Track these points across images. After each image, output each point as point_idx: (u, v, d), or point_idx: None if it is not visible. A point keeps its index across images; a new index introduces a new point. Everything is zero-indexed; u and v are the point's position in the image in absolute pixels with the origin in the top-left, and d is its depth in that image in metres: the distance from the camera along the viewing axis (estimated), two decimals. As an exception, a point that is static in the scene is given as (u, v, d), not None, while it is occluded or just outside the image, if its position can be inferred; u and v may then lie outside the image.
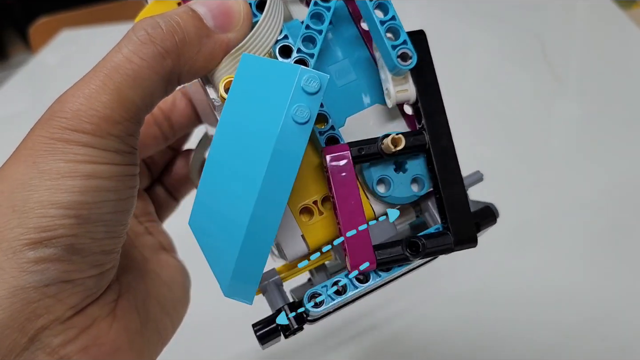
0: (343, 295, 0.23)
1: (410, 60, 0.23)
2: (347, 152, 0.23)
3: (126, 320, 0.23)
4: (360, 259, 0.23)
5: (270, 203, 0.20)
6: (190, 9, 0.22)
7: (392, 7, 0.23)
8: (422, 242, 0.24)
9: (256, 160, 0.20)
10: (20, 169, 0.20)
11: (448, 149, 0.24)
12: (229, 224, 0.21)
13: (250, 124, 0.20)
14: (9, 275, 0.20)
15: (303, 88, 0.20)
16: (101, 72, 0.21)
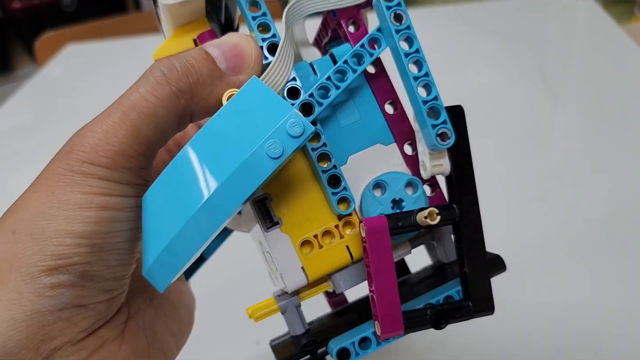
0: (367, 350, 0.25)
1: (449, 140, 0.25)
2: (385, 225, 0.24)
3: (134, 342, 0.25)
4: (391, 329, 0.25)
5: (215, 210, 0.21)
6: (205, 51, 0.23)
7: (434, 87, 0.24)
8: (446, 316, 0.25)
9: (220, 169, 0.21)
10: (40, 198, 0.22)
11: (475, 225, 0.26)
12: (173, 213, 0.22)
13: (229, 136, 0.21)
14: (27, 299, 0.21)
15: (286, 129, 0.21)
16: (118, 109, 0.22)
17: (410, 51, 0.24)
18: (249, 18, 0.24)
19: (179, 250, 0.22)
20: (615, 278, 0.49)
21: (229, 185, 0.21)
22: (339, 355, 0.25)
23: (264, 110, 0.22)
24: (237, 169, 0.21)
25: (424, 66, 0.25)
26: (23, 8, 1.93)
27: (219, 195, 0.21)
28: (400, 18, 0.24)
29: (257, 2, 0.24)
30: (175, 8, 0.25)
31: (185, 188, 0.21)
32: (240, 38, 0.24)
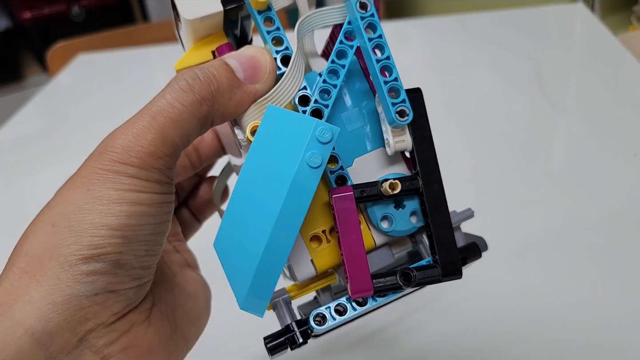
0: (343, 315, 0.27)
1: (407, 116, 0.27)
2: (350, 193, 0.27)
3: (159, 326, 0.27)
4: (360, 287, 0.27)
5: (284, 232, 0.24)
6: (224, 62, 0.26)
7: (395, 69, 0.27)
8: (413, 273, 0.27)
9: (274, 195, 0.23)
10: (76, 194, 0.24)
11: (438, 194, 0.28)
12: (248, 248, 0.24)
13: (271, 165, 0.24)
14: (65, 284, 0.23)
15: (317, 138, 0.23)
16: (147, 114, 0.24)
17: (373, 37, 0.27)
18: (264, 32, 0.27)
19: (265, 277, 0.24)
20: (614, 280, 0.50)
21: (288, 204, 0.23)
22: (315, 319, 0.27)
23: (290, 129, 0.24)
24: (290, 188, 0.23)
25: (385, 50, 0.27)
26: (33, 18, 1.96)
27: (283, 216, 0.23)
28: (365, 6, 0.27)
29: (271, 18, 0.27)
30: (196, 23, 0.27)
31: (250, 221, 0.24)
32: (256, 50, 0.26)
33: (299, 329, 0.27)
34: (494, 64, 0.93)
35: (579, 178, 0.64)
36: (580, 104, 0.80)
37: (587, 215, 0.58)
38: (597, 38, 0.95)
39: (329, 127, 0.24)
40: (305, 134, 0.24)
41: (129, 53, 1.17)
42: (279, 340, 0.28)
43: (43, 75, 2.05)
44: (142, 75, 1.07)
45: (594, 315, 0.47)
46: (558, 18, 1.08)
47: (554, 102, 0.79)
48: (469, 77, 0.90)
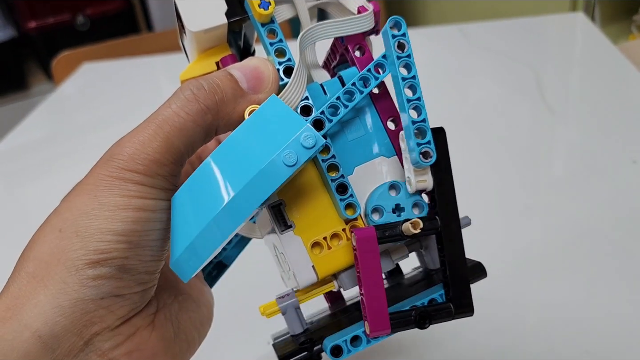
0: (358, 347, 0.28)
1: (431, 158, 0.27)
2: (373, 235, 0.27)
3: (163, 330, 0.27)
4: (379, 327, 0.28)
5: (235, 211, 0.24)
6: (228, 73, 0.27)
7: (424, 110, 0.27)
8: (429, 316, 0.28)
9: (241, 175, 0.24)
10: (83, 200, 0.24)
11: (456, 234, 0.29)
12: (199, 211, 0.24)
13: (251, 146, 0.24)
14: (72, 288, 0.24)
15: (300, 141, 0.24)
16: (153, 122, 0.25)
17: (408, 76, 0.27)
18: (267, 44, 0.27)
19: (203, 245, 0.24)
20: (615, 287, 0.50)
21: (249, 188, 0.24)
22: (332, 351, 0.28)
23: (281, 124, 0.25)
24: (257, 174, 0.24)
25: (417, 91, 0.27)
26: (38, 27, 1.97)
27: (240, 197, 0.24)
28: (403, 47, 0.27)
29: (274, 30, 0.28)
30: (200, 35, 0.28)
31: (209, 191, 0.24)
32: (259, 61, 0.27)
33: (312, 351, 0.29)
34: (495, 72, 0.93)
35: (579, 185, 0.64)
36: (580, 112, 0.81)
37: (587, 222, 0.58)
38: (597, 47, 0.96)
39: (315, 135, 0.24)
40: (291, 133, 0.24)
41: (133, 62, 1.18)
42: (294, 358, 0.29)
43: (48, 84, 2.07)
44: (146, 84, 1.08)
45: (595, 322, 0.48)
46: (558, 27, 1.09)
47: (554, 110, 0.80)
48: (470, 85, 0.91)
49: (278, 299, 0.31)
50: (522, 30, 1.08)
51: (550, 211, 0.61)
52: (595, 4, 1.33)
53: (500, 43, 1.03)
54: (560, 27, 1.09)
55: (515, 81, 0.89)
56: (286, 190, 0.28)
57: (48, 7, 1.96)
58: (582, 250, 0.55)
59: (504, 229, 0.59)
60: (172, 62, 1.12)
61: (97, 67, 1.18)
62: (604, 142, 0.72)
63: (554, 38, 1.06)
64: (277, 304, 0.30)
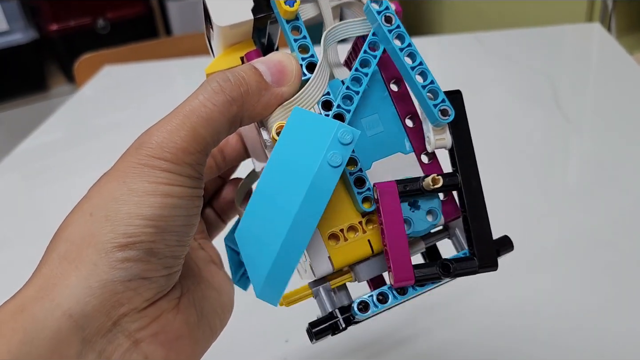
0: (384, 303, 0.29)
1: (449, 115, 0.28)
2: (394, 187, 0.28)
3: (187, 314, 0.28)
4: (403, 276, 0.28)
5: (302, 226, 0.25)
6: (253, 66, 0.27)
7: (430, 73, 0.28)
8: (452, 264, 0.29)
9: (295, 191, 0.25)
10: (113, 186, 0.25)
11: (476, 189, 0.29)
12: (267, 240, 0.25)
13: (293, 162, 0.25)
14: (101, 270, 0.24)
15: (339, 139, 0.25)
16: (181, 113, 0.26)
17: (404, 46, 0.28)
18: (291, 40, 0.28)
19: (282, 268, 0.25)
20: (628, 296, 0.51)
21: (307, 201, 0.25)
22: (359, 307, 0.28)
23: (313, 131, 0.26)
24: (310, 185, 0.25)
25: (417, 57, 0.28)
26: (59, 30, 2.00)
27: (302, 212, 0.25)
28: (390, 19, 0.28)
29: (298, 27, 0.28)
30: (227, 30, 0.29)
31: (270, 215, 0.25)
32: (283, 56, 0.28)
33: (341, 316, 0.29)
34: (511, 81, 0.94)
35: (594, 195, 0.64)
36: (596, 122, 0.81)
37: (601, 231, 0.58)
38: (613, 57, 0.96)
39: (350, 129, 0.25)
40: (328, 135, 0.25)
41: (152, 66, 1.19)
42: (323, 325, 0.29)
43: (67, 86, 2.09)
44: (164, 87, 1.09)
45: (606, 330, 0.48)
46: (575, 37, 1.09)
47: (570, 119, 0.80)
48: (486, 93, 0.91)
49: (310, 283, 0.31)
50: (538, 39, 1.08)
51: (564, 220, 0.61)
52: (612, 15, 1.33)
53: (516, 52, 1.03)
54: (576, 37, 1.09)
55: (531, 90, 0.89)
56: None
57: (69, 11, 1.99)
58: (596, 260, 0.55)
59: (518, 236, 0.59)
60: (190, 66, 1.13)
61: (118, 69, 1.19)
62: (620, 151, 0.72)
63: (570, 48, 1.07)
64: (310, 287, 0.31)
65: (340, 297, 0.32)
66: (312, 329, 0.29)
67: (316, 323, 0.29)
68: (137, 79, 1.15)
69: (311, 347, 0.48)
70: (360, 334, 0.49)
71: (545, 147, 0.76)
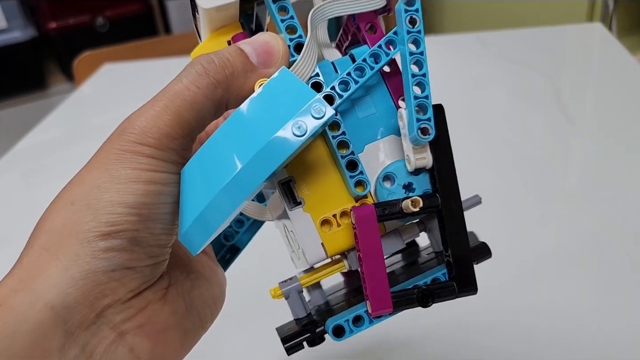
0: (361, 327, 0.28)
1: (429, 135, 0.27)
2: (373, 212, 0.27)
3: (174, 305, 0.27)
4: (380, 306, 0.27)
5: (246, 179, 0.24)
6: (239, 47, 0.27)
7: (428, 87, 0.27)
8: (432, 294, 0.28)
9: (250, 145, 0.24)
10: (95, 174, 0.25)
11: (457, 212, 0.28)
12: (209, 182, 0.24)
13: (260, 117, 0.24)
14: (83, 260, 0.24)
15: (311, 110, 0.24)
16: (164, 97, 0.25)
17: (416, 52, 0.27)
18: (278, 20, 0.27)
19: (212, 217, 0.24)
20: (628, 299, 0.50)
21: (258, 158, 0.24)
22: (335, 331, 0.28)
23: (291, 95, 0.25)
24: (266, 144, 0.24)
25: (424, 67, 0.27)
26: (58, 28, 2.00)
27: (249, 167, 0.24)
28: (415, 22, 0.27)
29: (285, 7, 0.28)
30: (212, 13, 0.28)
31: (218, 162, 0.24)
32: (269, 36, 0.27)
33: (315, 332, 0.29)
34: (512, 81, 0.93)
35: (595, 196, 0.64)
36: (598, 122, 0.81)
37: (602, 232, 0.58)
38: (614, 57, 0.96)
39: (325, 105, 0.24)
40: (301, 103, 0.24)
41: (151, 64, 1.19)
42: (296, 340, 0.29)
43: (66, 84, 2.09)
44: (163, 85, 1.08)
45: (606, 331, 0.47)
46: (576, 37, 1.09)
47: (571, 120, 0.79)
48: (487, 93, 0.91)
49: (281, 283, 0.31)
50: (540, 39, 1.08)
51: (565, 221, 0.61)
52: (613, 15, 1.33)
53: (518, 52, 1.03)
54: (578, 37, 1.09)
55: (532, 90, 0.89)
56: (296, 166, 0.28)
57: (69, 9, 1.99)
58: (598, 261, 0.54)
59: (518, 237, 0.59)
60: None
61: (117, 68, 1.19)
62: (621, 152, 0.71)
63: (571, 48, 1.06)
64: (280, 288, 0.30)
65: (315, 295, 0.31)
66: (285, 344, 0.29)
67: (289, 338, 0.29)
68: (136, 77, 1.15)
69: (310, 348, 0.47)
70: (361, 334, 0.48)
71: (546, 147, 0.75)
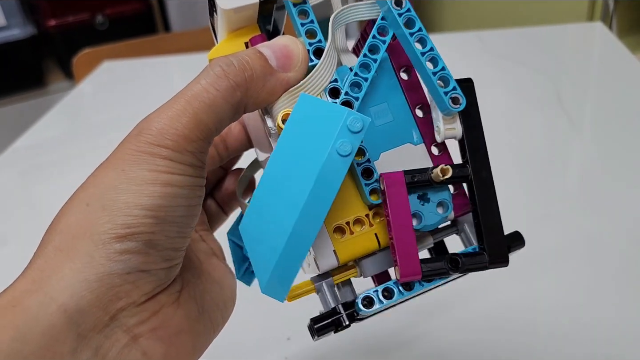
0: (390, 299, 0.27)
1: (460, 104, 0.27)
2: (401, 177, 0.27)
3: (187, 309, 0.27)
4: (409, 270, 0.27)
5: (310, 218, 0.24)
6: (258, 51, 0.26)
7: (441, 60, 0.27)
8: (461, 259, 0.27)
9: (302, 182, 0.24)
10: (111, 174, 0.24)
11: (487, 181, 0.28)
12: (272, 233, 0.24)
13: (300, 151, 0.24)
14: (98, 262, 0.23)
15: (348, 127, 0.24)
16: (182, 98, 0.25)
17: (414, 31, 0.27)
18: (298, 24, 0.27)
19: (289, 261, 0.24)
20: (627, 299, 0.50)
21: (316, 191, 0.24)
22: (363, 302, 0.27)
23: (321, 118, 0.24)
24: (318, 175, 0.23)
25: (428, 42, 0.27)
26: (57, 25, 1.99)
27: (310, 204, 0.24)
28: (400, 3, 0.27)
29: (305, 11, 0.27)
30: (231, 14, 0.28)
31: (277, 207, 0.24)
32: (289, 40, 0.27)
33: (345, 312, 0.28)
34: (512, 80, 0.93)
35: (596, 195, 0.64)
36: (598, 121, 0.81)
37: (603, 232, 0.58)
38: (615, 57, 0.96)
39: (360, 116, 0.24)
40: (337, 123, 0.24)
41: (151, 61, 1.19)
42: (326, 321, 0.28)
43: (66, 82, 2.08)
44: (162, 83, 1.09)
45: (607, 331, 0.47)
46: (577, 37, 1.09)
47: (572, 119, 0.79)
48: (487, 92, 0.89)
49: (312, 277, 0.30)
50: (540, 38, 1.07)
51: (566, 221, 0.61)
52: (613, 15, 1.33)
53: (518, 51, 1.03)
54: (578, 36, 1.09)
55: (532, 89, 0.89)
56: None
57: (68, 6, 1.98)
58: (599, 262, 0.54)
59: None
60: (189, 62, 1.12)
61: (117, 65, 1.19)
62: (623, 151, 0.71)
63: (572, 47, 1.06)
64: (312, 282, 0.30)
65: (345, 292, 0.31)
66: (314, 324, 0.28)
67: (318, 319, 0.28)
68: (136, 75, 1.15)
69: (313, 347, 0.47)
70: (362, 335, 0.48)
71: (546, 146, 0.75)
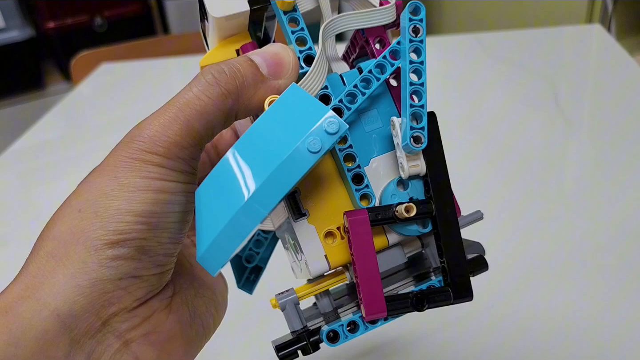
0: (355, 333, 0.28)
1: (421, 144, 0.27)
2: (365, 216, 0.27)
3: (179, 314, 0.28)
4: (374, 310, 0.27)
5: (263, 199, 0.24)
6: (249, 58, 0.27)
7: (425, 97, 0.27)
8: (427, 298, 0.28)
9: (265, 164, 0.24)
10: (103, 181, 0.25)
11: (451, 218, 0.28)
12: (224, 204, 0.24)
13: (273, 136, 0.24)
14: (91, 268, 0.24)
15: (324, 126, 0.24)
16: (174, 105, 0.25)
17: (416, 60, 0.27)
18: (289, 32, 0.28)
19: (230, 239, 0.24)
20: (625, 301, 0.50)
21: (274, 177, 0.24)
22: (328, 336, 0.28)
23: (303, 111, 0.25)
24: (281, 163, 0.24)
25: (422, 76, 0.27)
26: (56, 27, 1.99)
27: (265, 187, 0.24)
28: (418, 31, 0.27)
29: (296, 19, 0.28)
30: (222, 21, 0.28)
31: (233, 183, 0.24)
32: (280, 48, 0.27)
33: (310, 340, 0.28)
34: (511, 82, 0.93)
35: (594, 197, 0.64)
36: (596, 123, 0.81)
37: (601, 234, 0.58)
38: (613, 59, 0.96)
39: (339, 120, 0.24)
40: (315, 119, 0.24)
41: (149, 63, 1.19)
42: (290, 349, 0.28)
43: (64, 84, 2.09)
44: (161, 85, 1.09)
45: (607, 332, 0.47)
46: (575, 39, 1.09)
47: (570, 121, 0.79)
48: (485, 94, 0.91)
49: (278, 295, 0.30)
50: (538, 40, 1.08)
51: (564, 222, 0.61)
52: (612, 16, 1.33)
53: (516, 53, 1.03)
54: (576, 38, 1.09)
55: (531, 91, 0.89)
56: (302, 178, 0.28)
57: (67, 8, 1.98)
58: (597, 264, 0.54)
59: (516, 238, 0.59)
60: (188, 64, 1.13)
61: (115, 67, 1.19)
62: (620, 154, 0.72)
63: (570, 49, 1.06)
64: (277, 300, 0.30)
65: (323, 304, 0.31)
66: (278, 352, 0.28)
67: (282, 346, 0.28)
68: (134, 77, 1.15)
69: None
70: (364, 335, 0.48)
71: (544, 148, 0.75)
